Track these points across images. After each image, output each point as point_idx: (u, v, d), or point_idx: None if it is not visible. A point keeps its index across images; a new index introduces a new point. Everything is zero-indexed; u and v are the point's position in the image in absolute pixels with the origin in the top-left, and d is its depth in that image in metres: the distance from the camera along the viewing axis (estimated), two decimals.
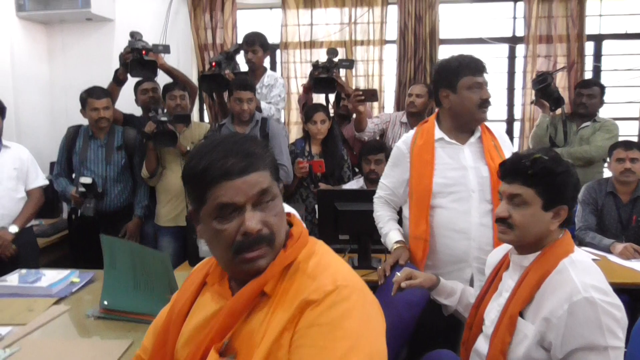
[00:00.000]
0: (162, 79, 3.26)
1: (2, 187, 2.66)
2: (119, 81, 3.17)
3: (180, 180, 3.06)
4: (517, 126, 3.91)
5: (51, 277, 2.01)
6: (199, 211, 0.93)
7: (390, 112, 3.76)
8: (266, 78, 3.37)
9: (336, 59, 3.15)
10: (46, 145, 3.85)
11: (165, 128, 2.86)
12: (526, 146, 3.71)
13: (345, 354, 0.81)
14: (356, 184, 3.07)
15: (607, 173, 3.15)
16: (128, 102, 3.38)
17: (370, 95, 3.23)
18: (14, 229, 2.64)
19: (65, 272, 2.07)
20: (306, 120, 3.09)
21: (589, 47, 3.83)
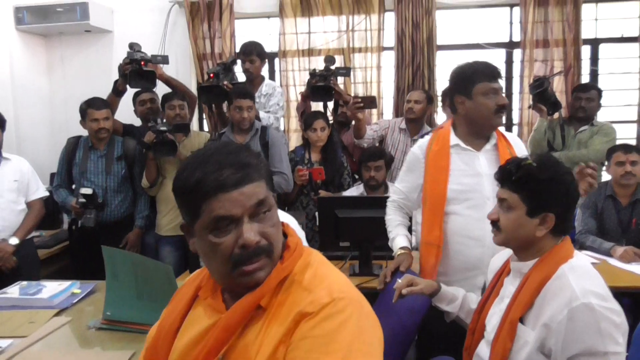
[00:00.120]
0: (162, 89, 3.28)
1: (3, 200, 2.67)
2: (118, 92, 3.19)
3: None
4: (515, 130, 3.92)
5: (52, 288, 2.01)
6: (192, 224, 0.90)
7: (389, 118, 3.78)
8: (264, 87, 3.38)
9: (333, 67, 3.16)
10: (46, 157, 3.87)
11: (164, 138, 2.87)
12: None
13: None
14: (356, 190, 3.07)
15: (605, 176, 3.15)
16: (127, 113, 3.39)
17: (369, 102, 3.25)
18: (14, 240, 2.65)
19: (66, 284, 2.08)
20: (306, 127, 3.10)
21: (585, 51, 3.84)
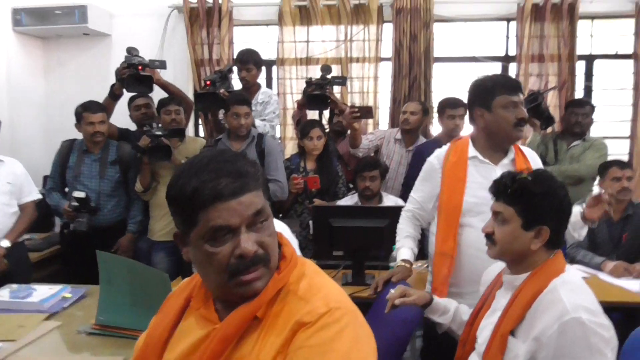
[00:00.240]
0: (159, 94, 3.28)
1: None
2: (114, 96, 3.18)
3: None
4: None
5: (43, 292, 2.00)
6: (187, 233, 0.89)
7: (385, 128, 3.79)
8: (260, 95, 3.39)
9: (329, 76, 3.18)
10: (40, 160, 3.84)
11: (159, 142, 2.87)
12: None
13: None
14: (350, 200, 3.08)
15: (596, 191, 3.17)
16: (123, 117, 3.39)
17: (365, 112, 3.26)
18: (5, 243, 2.62)
19: (57, 288, 2.06)
20: (302, 136, 3.10)
21: (580, 66, 3.89)
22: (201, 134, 4.14)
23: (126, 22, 4.02)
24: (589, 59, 3.97)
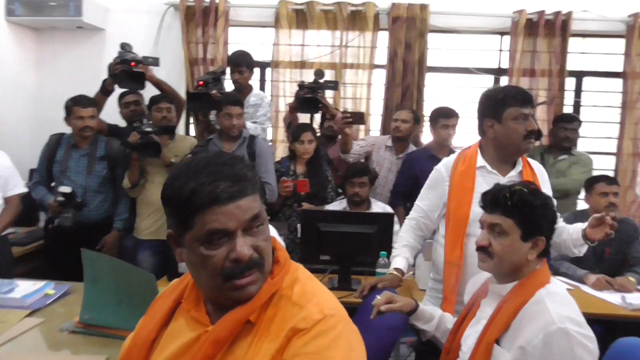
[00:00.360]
0: (151, 92, 3.26)
1: None
2: (106, 91, 3.15)
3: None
4: None
5: (25, 287, 1.97)
6: (183, 235, 0.88)
7: (376, 135, 3.81)
8: (252, 97, 3.38)
9: (322, 80, 3.19)
10: (28, 153, 3.78)
11: (149, 139, 2.85)
12: None
13: None
14: (339, 205, 3.08)
15: (580, 205, 3.22)
16: (113, 113, 3.36)
17: (357, 118, 3.27)
18: None
19: (41, 284, 2.03)
20: (293, 139, 3.11)
21: (570, 82, 3.95)
22: (192, 133, 4.12)
23: (121, 17, 3.99)
24: (579, 75, 4.03)
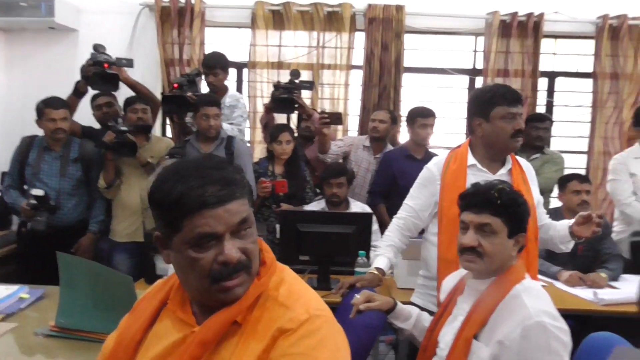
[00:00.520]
0: (127, 93, 3.21)
1: None
2: (79, 94, 3.10)
3: (137, 195, 3.04)
4: None
5: None
6: (171, 237, 0.88)
7: (354, 135, 3.83)
8: (227, 99, 3.35)
9: (297, 80, 3.19)
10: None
11: (124, 138, 2.81)
12: None
13: None
14: (317, 206, 3.09)
15: (553, 203, 3.29)
16: (87, 115, 3.30)
17: (335, 118, 3.29)
18: None
19: (14, 288, 1.99)
20: (271, 140, 3.10)
21: (542, 82, 4.04)
22: (169, 134, 4.07)
23: (94, 17, 3.93)
24: (551, 75, 4.13)
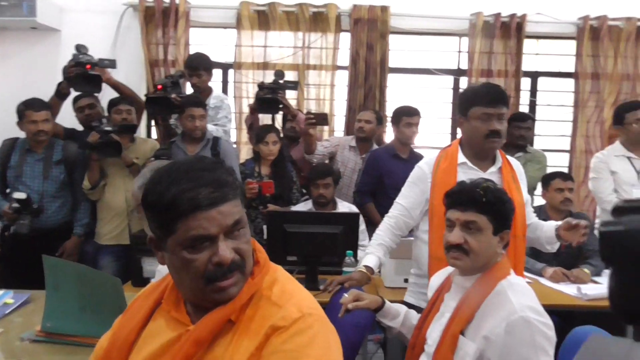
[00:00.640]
0: (111, 94, 3.18)
1: None
2: (61, 95, 3.06)
3: (123, 197, 3.01)
4: None
5: None
6: (164, 239, 0.89)
7: (340, 136, 3.84)
8: (212, 100, 3.32)
9: (282, 81, 3.19)
10: None
11: (109, 138, 2.79)
12: None
13: None
14: (304, 206, 3.09)
15: (536, 201, 3.33)
16: (70, 117, 3.26)
17: (321, 119, 3.29)
18: None
19: None
20: (257, 141, 3.09)
21: (525, 82, 4.09)
22: (154, 136, 4.04)
23: (77, 17, 3.87)
24: (534, 75, 4.18)
